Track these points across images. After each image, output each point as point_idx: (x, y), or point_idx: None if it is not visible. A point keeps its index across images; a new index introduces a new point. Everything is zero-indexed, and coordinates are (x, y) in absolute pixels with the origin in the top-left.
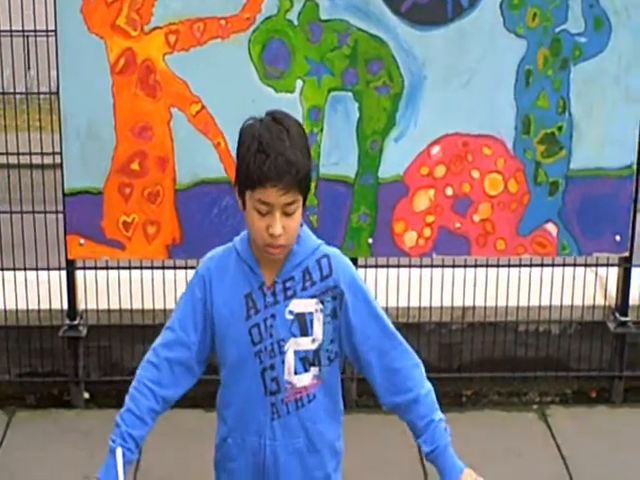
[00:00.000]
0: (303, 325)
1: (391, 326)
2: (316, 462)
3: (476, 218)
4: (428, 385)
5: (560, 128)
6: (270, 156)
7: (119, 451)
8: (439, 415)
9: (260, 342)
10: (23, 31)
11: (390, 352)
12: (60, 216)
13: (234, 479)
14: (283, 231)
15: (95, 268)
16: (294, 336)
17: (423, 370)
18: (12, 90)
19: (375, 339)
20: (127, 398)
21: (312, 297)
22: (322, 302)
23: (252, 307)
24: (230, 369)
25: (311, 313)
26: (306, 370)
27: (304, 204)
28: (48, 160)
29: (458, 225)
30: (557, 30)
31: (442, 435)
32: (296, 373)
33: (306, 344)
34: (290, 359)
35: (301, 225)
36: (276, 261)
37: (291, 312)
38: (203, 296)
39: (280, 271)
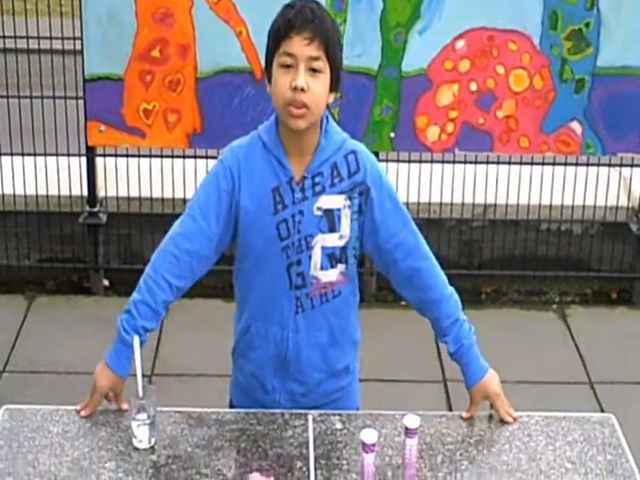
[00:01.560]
0: (331, 221)
1: (413, 224)
2: (337, 354)
3: (500, 114)
4: (451, 287)
5: (587, 24)
6: (295, 7)
7: (137, 341)
8: (463, 315)
9: (288, 238)
10: None
11: (414, 251)
12: (80, 102)
13: (255, 367)
14: (307, 89)
15: (115, 155)
16: (322, 232)
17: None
18: None
19: (400, 236)
20: (143, 285)
21: (340, 193)
22: (350, 198)
23: (280, 202)
24: (254, 261)
25: (339, 209)
26: (332, 266)
27: (332, 86)
28: (69, 45)
29: (481, 121)
30: None
31: (467, 334)
32: (322, 268)
33: (333, 240)
34: (317, 254)
35: (327, 119)
36: (304, 153)
37: (319, 208)
38: (230, 187)
39: (309, 165)
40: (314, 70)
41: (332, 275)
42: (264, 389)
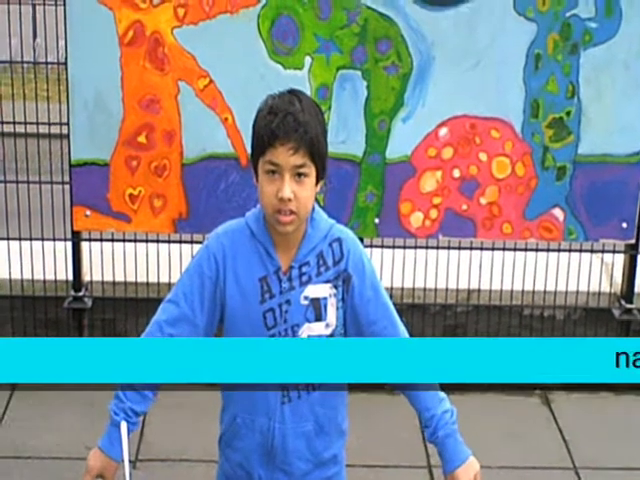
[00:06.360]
0: (318, 310)
1: (395, 314)
2: (324, 444)
3: (483, 201)
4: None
5: (568, 113)
6: (278, 115)
7: (124, 426)
8: (443, 407)
9: (274, 327)
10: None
11: None
12: (66, 187)
13: (241, 457)
14: (293, 197)
15: (101, 240)
16: (308, 321)
17: None
18: (20, 59)
19: (379, 325)
20: None
21: (326, 282)
22: (335, 287)
23: (267, 291)
24: None
25: (325, 298)
26: None
27: (318, 179)
28: (55, 130)
29: (465, 207)
30: (568, 15)
31: (444, 426)
32: None
33: (320, 329)
34: None
35: (313, 209)
36: (291, 244)
37: (306, 297)
38: (215, 274)
39: (296, 255)
40: (300, 175)
41: None
42: (251, 479)
